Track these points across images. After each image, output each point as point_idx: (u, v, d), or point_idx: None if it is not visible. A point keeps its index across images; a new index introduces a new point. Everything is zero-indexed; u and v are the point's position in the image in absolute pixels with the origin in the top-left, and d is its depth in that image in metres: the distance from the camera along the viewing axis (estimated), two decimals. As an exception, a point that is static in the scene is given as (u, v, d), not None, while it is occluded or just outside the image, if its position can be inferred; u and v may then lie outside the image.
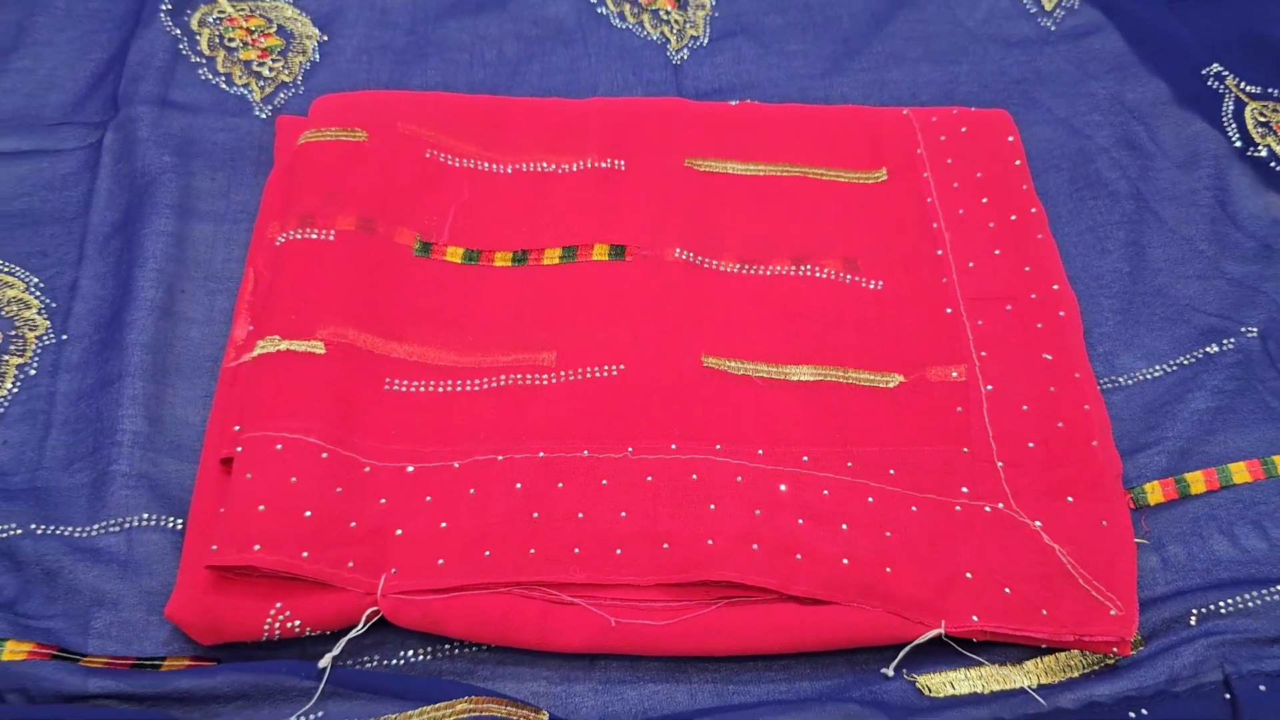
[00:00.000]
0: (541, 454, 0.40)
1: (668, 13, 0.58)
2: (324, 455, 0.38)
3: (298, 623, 0.36)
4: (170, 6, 0.57)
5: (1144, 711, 0.36)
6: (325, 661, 0.36)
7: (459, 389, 0.42)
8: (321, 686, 0.35)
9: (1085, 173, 0.53)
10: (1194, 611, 0.39)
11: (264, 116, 0.53)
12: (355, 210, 0.46)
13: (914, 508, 0.39)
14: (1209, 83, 0.55)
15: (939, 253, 0.47)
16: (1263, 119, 0.54)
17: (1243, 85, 0.55)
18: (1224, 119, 0.54)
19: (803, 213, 0.49)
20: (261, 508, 0.37)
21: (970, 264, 0.47)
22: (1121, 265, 0.49)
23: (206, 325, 0.46)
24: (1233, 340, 0.46)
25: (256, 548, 0.36)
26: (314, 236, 0.45)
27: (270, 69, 0.55)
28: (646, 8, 0.58)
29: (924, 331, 0.45)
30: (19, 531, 0.39)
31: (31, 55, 0.55)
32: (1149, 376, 0.46)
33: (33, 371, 0.44)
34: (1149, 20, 0.58)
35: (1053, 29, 0.59)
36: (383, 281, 0.44)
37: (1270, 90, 0.55)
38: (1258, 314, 0.47)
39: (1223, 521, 0.42)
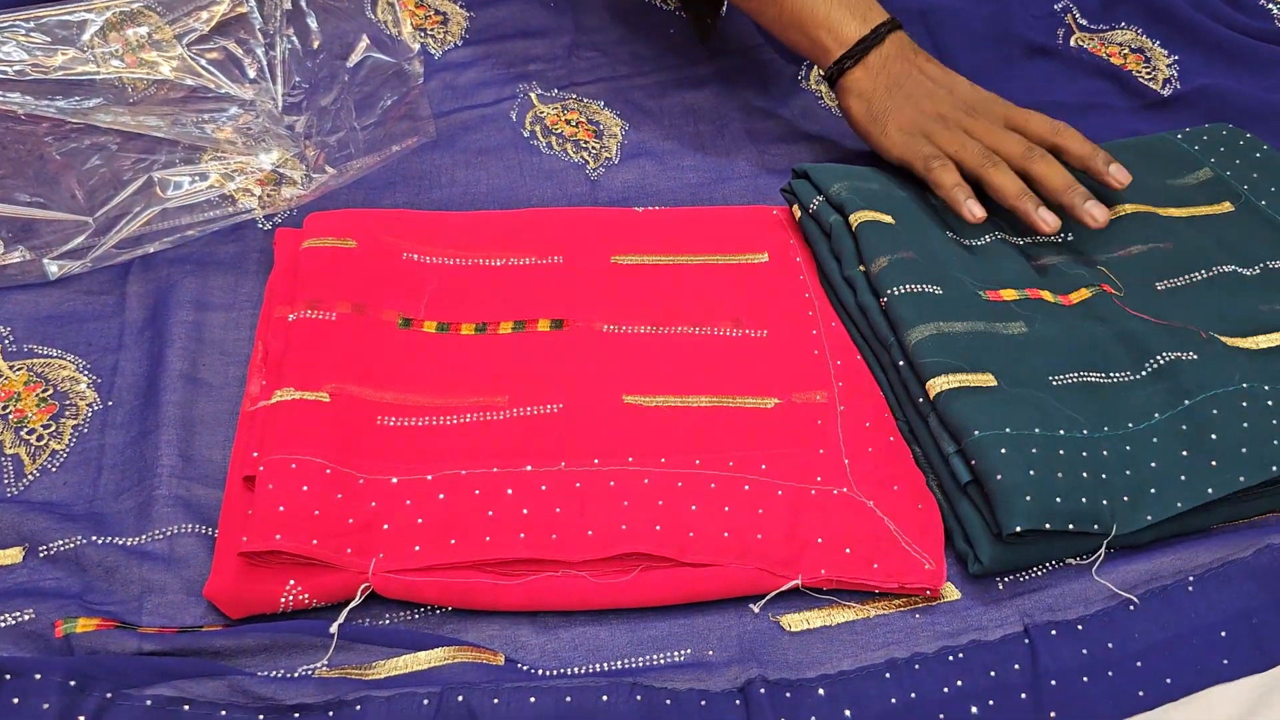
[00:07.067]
0: (495, 469, 0.52)
1: (586, 141, 0.74)
2: (327, 471, 0.50)
3: (306, 596, 0.47)
4: None
5: (960, 655, 0.47)
6: (334, 628, 0.45)
7: (433, 424, 0.54)
8: (334, 643, 0.45)
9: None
10: (1000, 581, 0.50)
11: (265, 229, 0.66)
12: (350, 298, 0.58)
13: (779, 492, 0.51)
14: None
15: (810, 314, 0.61)
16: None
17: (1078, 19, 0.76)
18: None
19: (699, 289, 0.62)
20: (281, 508, 0.47)
21: (833, 323, 0.61)
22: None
23: (223, 388, 0.57)
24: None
25: (278, 537, 0.46)
26: (319, 316, 0.57)
27: (269, 195, 0.69)
28: (569, 138, 0.74)
29: (796, 367, 0.58)
30: (83, 542, 0.49)
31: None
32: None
33: (85, 430, 0.55)
34: None
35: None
36: (374, 348, 0.56)
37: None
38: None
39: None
